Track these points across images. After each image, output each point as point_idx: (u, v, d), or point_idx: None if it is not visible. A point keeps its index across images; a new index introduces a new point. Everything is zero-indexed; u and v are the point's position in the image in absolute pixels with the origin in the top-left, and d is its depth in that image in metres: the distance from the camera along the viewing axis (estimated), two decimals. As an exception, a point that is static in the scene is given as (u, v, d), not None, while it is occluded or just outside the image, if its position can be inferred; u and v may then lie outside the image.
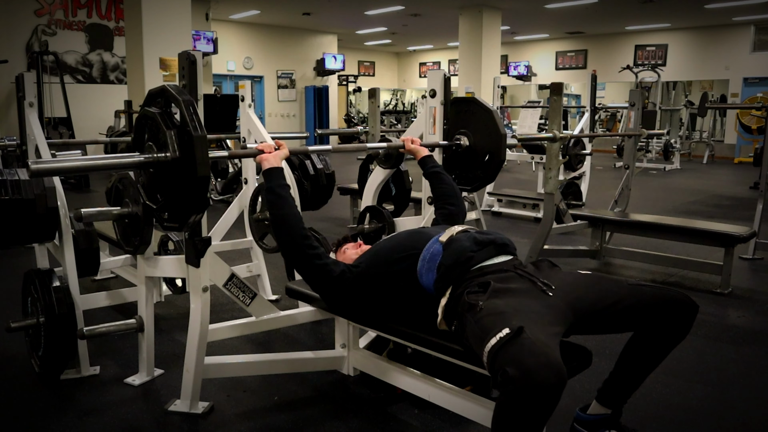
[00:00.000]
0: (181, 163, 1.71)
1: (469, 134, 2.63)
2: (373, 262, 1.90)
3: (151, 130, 1.80)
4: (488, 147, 2.59)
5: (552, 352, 1.31)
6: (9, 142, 3.06)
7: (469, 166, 2.66)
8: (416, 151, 2.46)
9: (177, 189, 1.76)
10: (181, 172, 1.72)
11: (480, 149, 2.61)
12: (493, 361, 1.35)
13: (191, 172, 1.69)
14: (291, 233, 1.87)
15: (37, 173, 1.55)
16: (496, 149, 2.57)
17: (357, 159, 4.89)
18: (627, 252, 4.20)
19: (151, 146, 1.78)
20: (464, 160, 2.65)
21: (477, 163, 2.63)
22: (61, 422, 2.07)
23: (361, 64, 18.78)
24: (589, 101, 5.61)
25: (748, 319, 3.23)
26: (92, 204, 6.69)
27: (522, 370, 1.25)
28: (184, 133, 1.70)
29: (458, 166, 2.67)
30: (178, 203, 1.78)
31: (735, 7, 11.32)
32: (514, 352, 1.31)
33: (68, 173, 1.75)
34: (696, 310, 1.67)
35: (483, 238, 1.79)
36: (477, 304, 1.53)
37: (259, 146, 2.04)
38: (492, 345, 1.36)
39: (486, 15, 11.76)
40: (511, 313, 1.45)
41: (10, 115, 8.89)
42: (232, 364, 2.27)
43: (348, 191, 5.52)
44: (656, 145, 11.88)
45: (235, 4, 11.79)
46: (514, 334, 1.34)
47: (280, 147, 2.07)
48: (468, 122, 2.64)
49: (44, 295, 2.28)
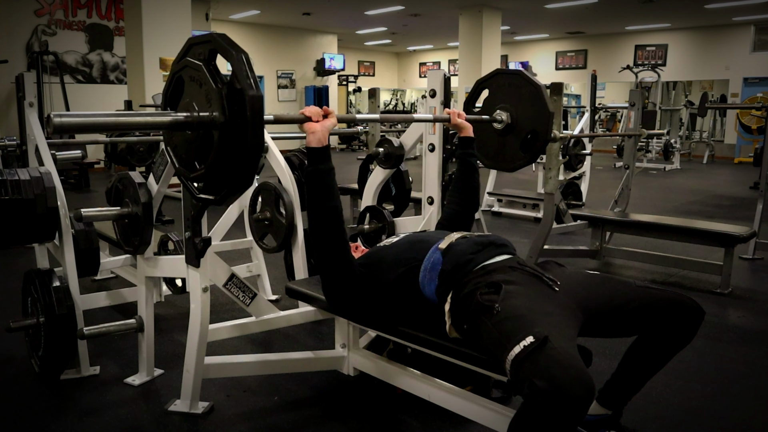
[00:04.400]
0: (230, 126, 1.46)
1: (511, 109, 2.45)
2: (374, 272, 1.85)
3: (192, 86, 1.56)
4: (533, 125, 2.40)
5: (580, 363, 1.30)
6: (9, 142, 3.06)
7: (507, 144, 2.49)
8: (462, 126, 2.25)
9: (222, 156, 1.50)
10: (228, 137, 1.48)
11: (522, 126, 2.44)
12: (517, 370, 1.33)
13: (242, 137, 1.44)
14: (333, 232, 1.72)
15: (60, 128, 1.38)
16: (543, 127, 2.38)
17: (357, 159, 4.89)
18: (627, 252, 4.19)
19: (191, 104, 1.55)
20: (502, 136, 2.48)
21: (517, 142, 2.46)
22: (61, 422, 2.07)
23: (361, 64, 18.78)
24: (589, 101, 5.62)
25: (748, 319, 3.23)
26: (92, 204, 6.69)
27: (552, 384, 1.24)
28: (235, 91, 1.45)
29: (494, 142, 2.50)
30: (220, 173, 1.53)
31: (735, 7, 11.32)
32: (542, 363, 1.29)
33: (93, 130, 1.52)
34: (702, 315, 1.66)
35: (482, 239, 1.78)
36: (493, 306, 1.50)
37: (305, 111, 1.74)
38: (516, 353, 1.34)
39: (486, 15, 11.76)
40: (530, 317, 1.43)
41: (10, 115, 8.89)
42: (232, 364, 2.27)
43: (348, 191, 5.52)
44: (656, 145, 11.89)
45: (235, 4, 11.79)
46: (540, 343, 1.31)
47: (328, 115, 1.77)
48: (511, 97, 2.46)
49: (44, 295, 2.28)
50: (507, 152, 2.50)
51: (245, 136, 1.43)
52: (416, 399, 2.02)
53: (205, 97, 1.51)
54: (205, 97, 1.51)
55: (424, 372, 2.04)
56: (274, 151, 2.80)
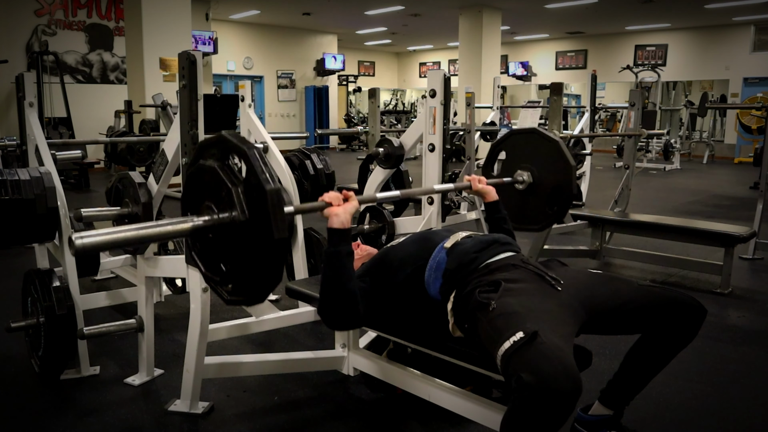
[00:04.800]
0: (252, 225, 1.42)
1: (533, 169, 2.41)
2: (381, 275, 1.84)
3: (209, 187, 1.51)
4: (555, 180, 2.36)
5: (567, 357, 1.30)
6: (9, 142, 3.06)
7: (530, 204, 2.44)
8: (486, 192, 2.17)
9: (246, 256, 1.45)
10: (251, 236, 1.43)
11: (545, 184, 2.39)
12: (506, 365, 1.34)
13: (266, 234, 1.38)
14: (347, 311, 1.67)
15: (82, 250, 1.29)
16: (566, 182, 2.32)
17: (357, 159, 4.89)
18: (627, 252, 4.19)
19: (210, 207, 1.49)
20: (525, 197, 2.44)
21: (542, 200, 2.41)
22: (61, 422, 2.07)
23: (361, 64, 18.78)
24: (589, 101, 5.61)
25: (748, 319, 3.23)
26: (92, 204, 6.69)
27: (538, 377, 1.24)
28: (252, 188, 1.41)
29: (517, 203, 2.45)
30: (247, 273, 1.48)
31: (735, 7, 11.31)
32: (529, 357, 1.29)
33: (114, 247, 1.44)
34: (704, 314, 1.67)
35: (486, 238, 1.79)
36: (489, 303, 1.51)
37: (325, 197, 1.70)
38: (506, 348, 1.35)
39: (486, 15, 11.76)
40: (524, 313, 1.44)
41: (10, 115, 8.89)
42: (232, 364, 2.27)
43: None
44: (656, 145, 11.88)
45: (235, 4, 11.79)
46: (529, 338, 1.32)
47: (348, 199, 1.71)
48: (529, 156, 2.43)
49: (44, 295, 2.28)
50: (531, 211, 2.44)
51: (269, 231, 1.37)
52: (416, 399, 2.02)
53: (223, 198, 1.47)
54: (223, 198, 1.47)
55: (424, 372, 2.04)
56: (274, 151, 2.80)
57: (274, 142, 2.88)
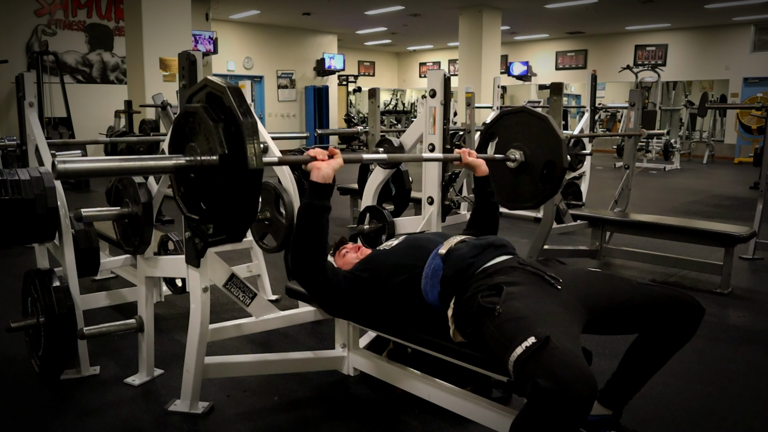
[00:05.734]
0: (230, 160, 1.47)
1: (524, 147, 2.41)
2: (374, 278, 1.83)
3: (192, 129, 1.58)
4: (546, 156, 2.35)
5: (583, 362, 1.31)
6: (9, 142, 3.06)
7: (523, 182, 2.44)
8: (476, 165, 2.17)
9: (224, 192, 1.52)
10: (229, 171, 1.48)
11: (537, 161, 2.39)
12: (520, 371, 1.34)
13: (241, 167, 1.44)
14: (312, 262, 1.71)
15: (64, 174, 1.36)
16: (557, 156, 2.32)
17: (357, 159, 4.86)
18: (627, 252, 4.20)
19: (193, 147, 1.56)
20: (519, 175, 2.44)
21: (534, 177, 2.40)
22: (61, 422, 2.08)
23: (361, 64, 18.78)
24: (589, 101, 5.60)
25: (748, 319, 3.23)
26: (92, 204, 6.69)
27: (556, 383, 1.24)
28: (230, 123, 1.48)
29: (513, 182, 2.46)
30: (225, 210, 1.53)
31: (735, 7, 11.32)
32: (544, 362, 1.30)
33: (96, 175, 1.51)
34: (702, 313, 1.67)
35: (481, 242, 1.79)
36: (494, 308, 1.51)
37: (311, 151, 1.73)
38: (518, 354, 1.35)
39: (486, 15, 11.76)
40: (532, 317, 1.44)
41: (10, 115, 8.89)
42: (232, 364, 2.27)
43: (348, 191, 5.51)
44: (656, 145, 11.89)
45: (235, 4, 11.79)
46: (542, 343, 1.32)
47: (334, 155, 1.73)
48: (521, 135, 2.43)
49: (44, 295, 2.28)
50: (524, 189, 2.45)
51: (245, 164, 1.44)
52: (416, 399, 2.03)
53: (205, 138, 1.53)
54: (205, 138, 1.53)
55: (424, 372, 2.04)
56: (274, 151, 2.80)
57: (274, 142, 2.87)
